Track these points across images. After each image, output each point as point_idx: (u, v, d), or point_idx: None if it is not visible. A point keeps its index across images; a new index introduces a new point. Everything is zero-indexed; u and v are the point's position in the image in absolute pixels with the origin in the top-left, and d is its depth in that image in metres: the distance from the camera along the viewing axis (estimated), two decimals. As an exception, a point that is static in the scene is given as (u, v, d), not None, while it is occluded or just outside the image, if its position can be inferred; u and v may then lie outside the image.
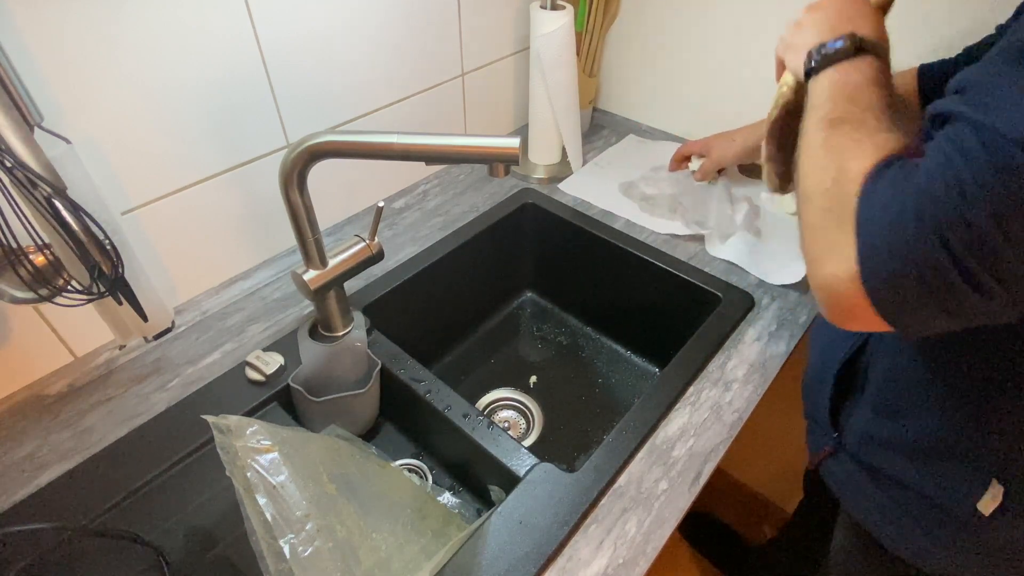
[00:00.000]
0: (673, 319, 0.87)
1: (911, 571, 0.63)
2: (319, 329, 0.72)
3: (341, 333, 0.71)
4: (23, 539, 0.52)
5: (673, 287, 0.85)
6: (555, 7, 0.91)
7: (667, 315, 0.88)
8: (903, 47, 0.48)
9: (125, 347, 0.72)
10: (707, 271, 0.84)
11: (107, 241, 0.51)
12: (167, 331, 0.64)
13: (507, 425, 0.89)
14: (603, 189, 0.99)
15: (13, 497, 0.57)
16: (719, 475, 0.65)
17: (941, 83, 0.67)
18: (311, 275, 0.65)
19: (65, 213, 0.48)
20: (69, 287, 0.53)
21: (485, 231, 0.92)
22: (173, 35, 0.63)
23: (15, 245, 0.48)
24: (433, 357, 0.95)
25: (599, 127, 1.17)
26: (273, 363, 0.68)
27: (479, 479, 0.69)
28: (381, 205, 0.64)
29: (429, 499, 0.62)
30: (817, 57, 0.48)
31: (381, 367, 0.70)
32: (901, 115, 0.44)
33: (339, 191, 0.90)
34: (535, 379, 0.94)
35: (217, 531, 0.62)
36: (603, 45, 1.10)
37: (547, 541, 0.55)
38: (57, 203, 0.48)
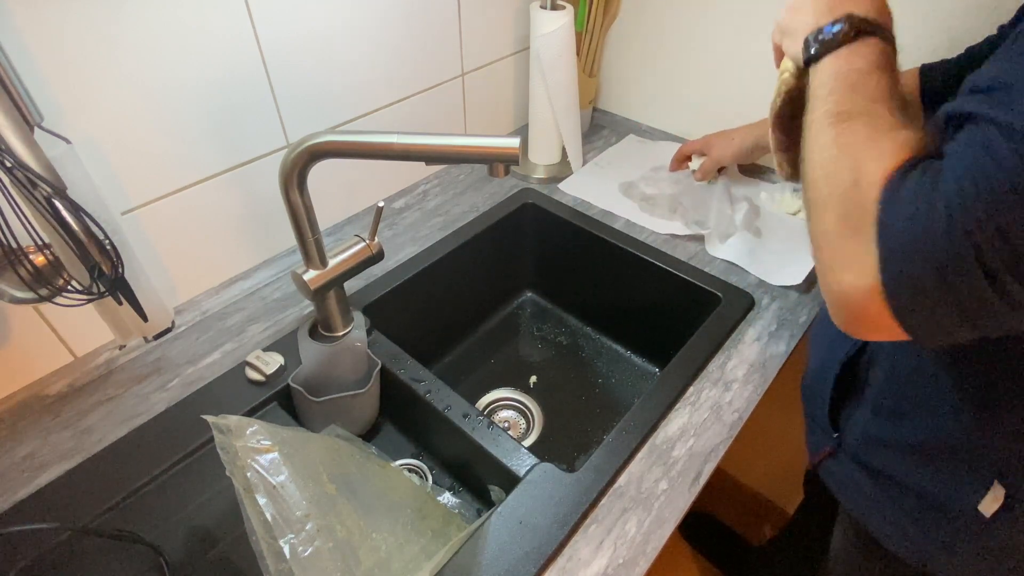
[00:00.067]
0: (673, 319, 0.87)
1: (911, 572, 0.63)
2: (319, 329, 0.72)
3: (341, 333, 0.71)
4: (23, 539, 0.53)
5: (673, 287, 0.85)
6: (555, 7, 0.91)
7: (667, 315, 0.88)
8: (903, 47, 0.47)
9: (125, 347, 0.72)
10: (707, 271, 0.84)
11: (107, 241, 0.51)
12: (167, 331, 0.64)
13: (507, 425, 0.89)
14: (603, 189, 0.99)
15: (13, 497, 0.57)
16: (719, 475, 0.66)
17: (943, 83, 0.67)
18: (311, 275, 0.65)
19: (65, 213, 0.48)
20: (69, 287, 0.53)
21: (485, 231, 0.92)
22: (173, 35, 0.63)
23: (15, 245, 0.48)
24: (433, 357, 0.95)
25: (599, 127, 1.17)
26: (273, 363, 0.68)
27: (479, 479, 0.69)
28: (381, 205, 0.64)
29: (429, 499, 0.62)
30: (815, 44, 0.45)
31: (381, 367, 0.70)
32: (907, 103, 0.42)
33: (339, 191, 0.90)
34: (535, 379, 0.94)
35: (217, 531, 0.62)
36: (603, 45, 1.10)
37: (547, 541, 0.55)
38: (57, 203, 0.48)
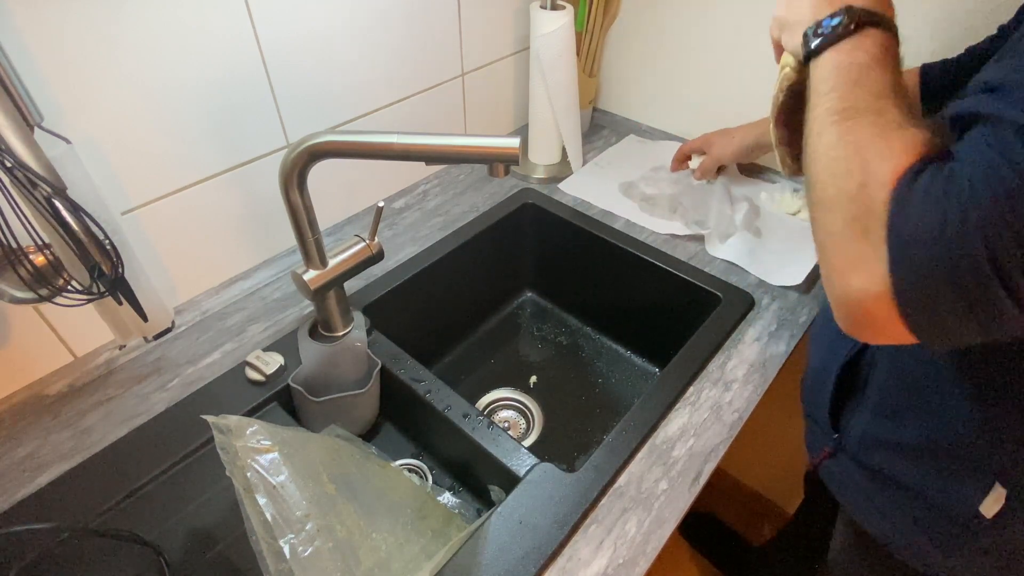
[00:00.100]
0: (673, 319, 0.87)
1: (911, 573, 0.63)
2: (319, 329, 0.72)
3: (341, 333, 0.71)
4: (23, 539, 0.52)
5: (673, 287, 0.85)
6: (555, 7, 0.91)
7: (667, 315, 0.88)
8: (903, 48, 0.46)
9: (125, 347, 0.72)
10: (707, 271, 0.84)
11: (107, 241, 0.51)
12: (167, 331, 0.64)
13: (507, 425, 0.89)
14: (603, 189, 0.99)
15: (13, 497, 0.57)
16: (719, 475, 0.66)
17: (944, 83, 0.67)
18: (311, 275, 0.65)
19: (65, 213, 0.48)
20: (69, 287, 0.53)
21: (485, 231, 0.92)
22: (173, 35, 0.63)
23: (15, 245, 0.48)
24: (433, 357, 0.95)
25: (599, 127, 1.17)
26: (273, 363, 0.68)
27: (479, 479, 0.69)
28: (381, 205, 0.64)
29: (429, 499, 0.62)
30: (814, 38, 0.44)
31: (381, 367, 0.70)
32: (911, 98, 0.41)
33: (339, 191, 0.90)
34: (535, 379, 0.94)
35: (217, 531, 0.62)
36: (603, 45, 1.10)
37: (547, 541, 0.55)
38: (57, 203, 0.48)
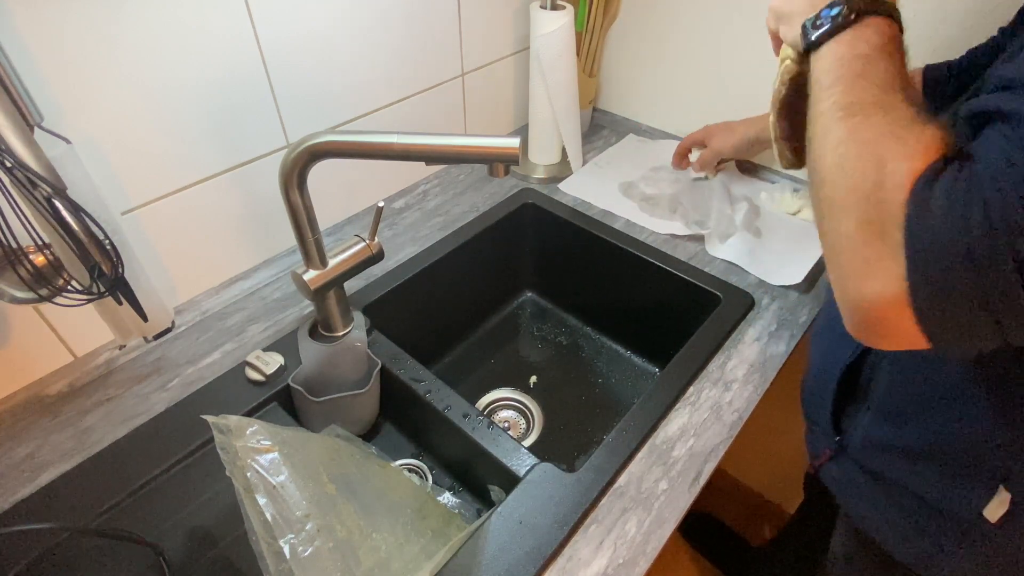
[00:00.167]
0: (673, 319, 0.87)
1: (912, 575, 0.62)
2: (319, 329, 0.72)
3: (341, 333, 0.71)
4: (23, 539, 0.53)
5: (673, 287, 0.85)
6: (555, 7, 0.91)
7: (667, 315, 0.88)
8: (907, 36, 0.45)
9: (125, 347, 0.72)
10: (707, 271, 0.84)
11: (107, 241, 0.51)
12: (167, 331, 0.64)
13: (507, 425, 0.89)
14: (603, 189, 0.99)
15: (13, 497, 0.57)
16: (719, 475, 0.66)
17: (947, 85, 0.67)
18: (311, 275, 0.65)
19: (65, 213, 0.48)
20: (69, 287, 0.53)
21: (485, 231, 0.92)
22: (173, 35, 0.63)
23: (15, 245, 0.48)
24: (433, 357, 0.95)
25: (599, 127, 1.17)
26: (273, 363, 0.68)
27: (479, 479, 0.69)
28: (381, 205, 0.64)
29: (429, 499, 0.62)
30: (813, 30, 0.43)
31: (381, 367, 0.70)
32: (916, 92, 0.41)
33: (339, 191, 0.90)
34: (535, 379, 0.94)
35: (217, 531, 0.62)
36: (603, 45, 1.10)
37: (547, 541, 0.55)
38: (57, 203, 0.48)
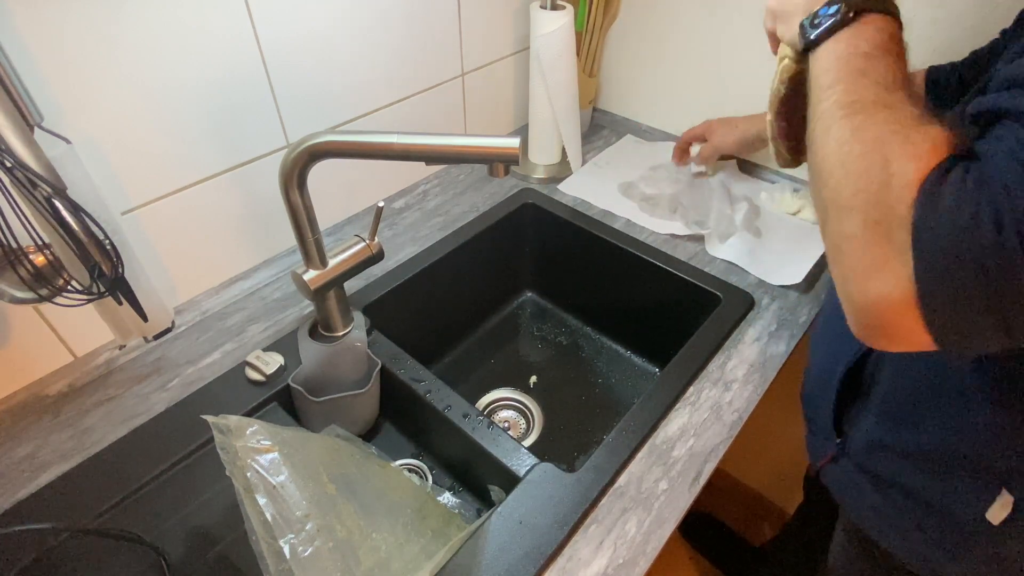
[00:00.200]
0: (673, 319, 0.87)
1: None
2: (319, 329, 0.72)
3: (341, 333, 0.71)
4: (23, 539, 0.52)
5: (673, 287, 0.85)
6: (555, 7, 0.91)
7: (667, 315, 0.88)
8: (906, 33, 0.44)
9: (125, 347, 0.72)
10: (707, 271, 0.84)
11: (107, 241, 0.51)
12: (167, 331, 0.64)
13: (507, 425, 0.89)
14: (603, 189, 0.99)
15: (13, 497, 0.57)
16: (719, 475, 0.66)
17: (951, 86, 0.67)
18: (311, 275, 0.65)
19: (65, 213, 0.48)
20: (69, 287, 0.53)
21: (485, 231, 0.92)
22: (173, 35, 0.63)
23: (15, 245, 0.48)
24: (433, 357, 0.95)
25: (599, 127, 1.17)
26: (273, 363, 0.68)
27: (479, 479, 0.69)
28: (381, 205, 0.64)
29: (429, 499, 0.62)
30: (811, 29, 0.42)
31: (381, 367, 0.70)
32: (917, 91, 0.40)
33: (339, 191, 0.90)
34: (535, 379, 0.94)
35: (217, 531, 0.62)
36: (603, 45, 1.10)
37: (547, 541, 0.55)
38: (57, 203, 0.48)
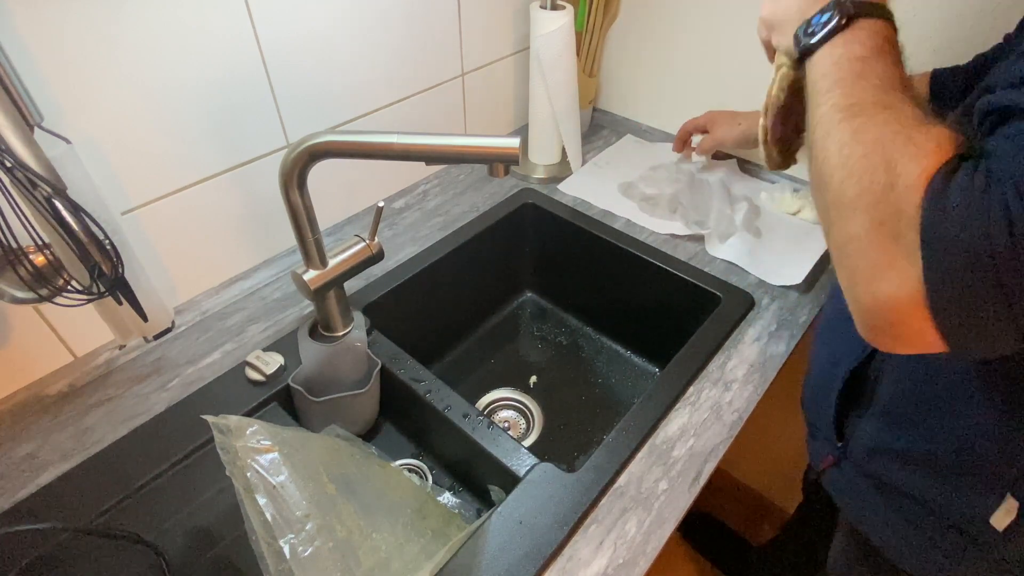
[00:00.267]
0: (673, 319, 0.87)
1: None
2: (319, 329, 0.72)
3: (341, 333, 0.71)
4: (23, 539, 0.53)
5: (673, 287, 0.85)
6: (555, 7, 0.91)
7: (667, 315, 0.88)
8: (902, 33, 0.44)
9: (125, 347, 0.72)
10: (707, 271, 0.84)
11: (107, 241, 0.51)
12: (167, 331, 0.64)
13: (507, 425, 0.89)
14: (603, 189, 0.99)
15: (13, 497, 0.57)
16: (719, 475, 0.65)
17: (955, 89, 0.67)
18: (311, 275, 0.65)
19: (65, 213, 0.48)
20: (69, 287, 0.53)
21: (485, 231, 0.92)
22: (173, 35, 0.63)
23: (15, 245, 0.48)
24: (433, 357, 0.95)
25: (599, 127, 1.17)
26: (273, 363, 0.68)
27: (479, 479, 0.69)
28: (381, 205, 0.64)
29: (429, 499, 0.62)
30: (806, 38, 0.42)
31: (381, 367, 0.70)
32: (916, 91, 0.40)
33: (339, 191, 0.90)
34: (535, 379, 0.94)
35: (217, 531, 0.62)
36: (603, 45, 1.10)
37: (547, 541, 0.55)
38: (57, 203, 0.48)
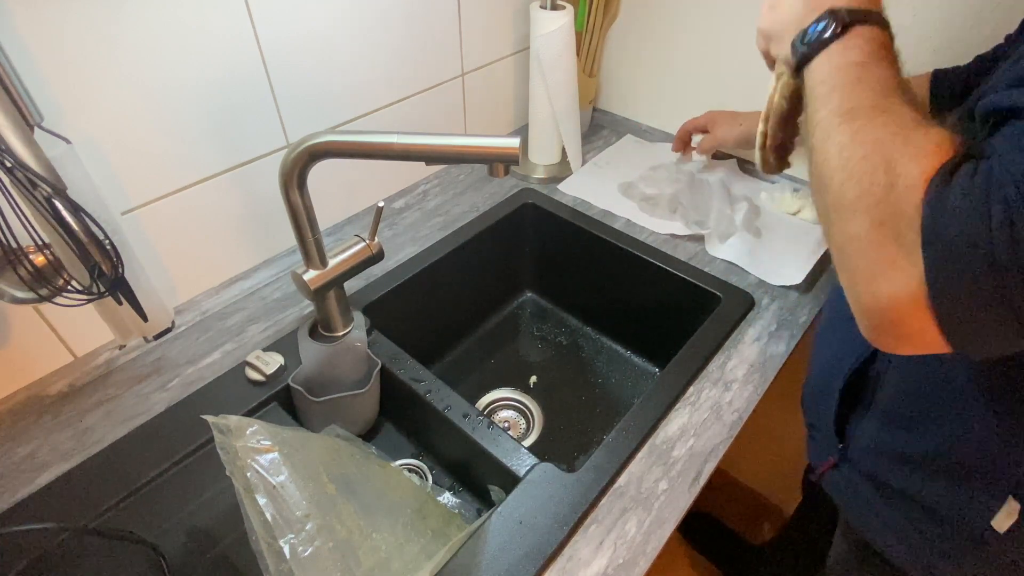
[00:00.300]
0: (673, 319, 0.87)
1: None
2: (319, 329, 0.72)
3: (341, 333, 0.71)
4: (23, 539, 0.52)
5: (673, 287, 0.85)
6: (555, 7, 0.91)
7: (667, 315, 0.88)
8: (903, 55, 0.45)
9: (125, 347, 0.72)
10: (707, 271, 0.84)
11: (107, 241, 0.51)
12: (167, 331, 0.64)
13: (507, 425, 0.89)
14: (603, 189, 0.99)
15: (13, 497, 0.57)
16: (719, 475, 0.65)
17: (955, 90, 0.67)
18: (311, 275, 0.65)
19: (65, 213, 0.48)
20: (69, 287, 0.53)
21: (485, 231, 0.92)
22: (173, 35, 0.63)
23: (15, 245, 0.48)
24: (433, 357, 0.95)
25: (599, 127, 1.17)
26: (273, 363, 0.68)
27: (479, 479, 0.69)
28: (381, 205, 0.64)
29: (429, 499, 0.62)
30: (802, 48, 0.43)
31: (381, 367, 0.70)
32: (914, 95, 0.41)
33: (339, 191, 0.90)
34: (535, 379, 0.94)
35: (217, 531, 0.62)
36: (603, 45, 1.10)
37: (547, 541, 0.55)
38: (57, 203, 0.48)
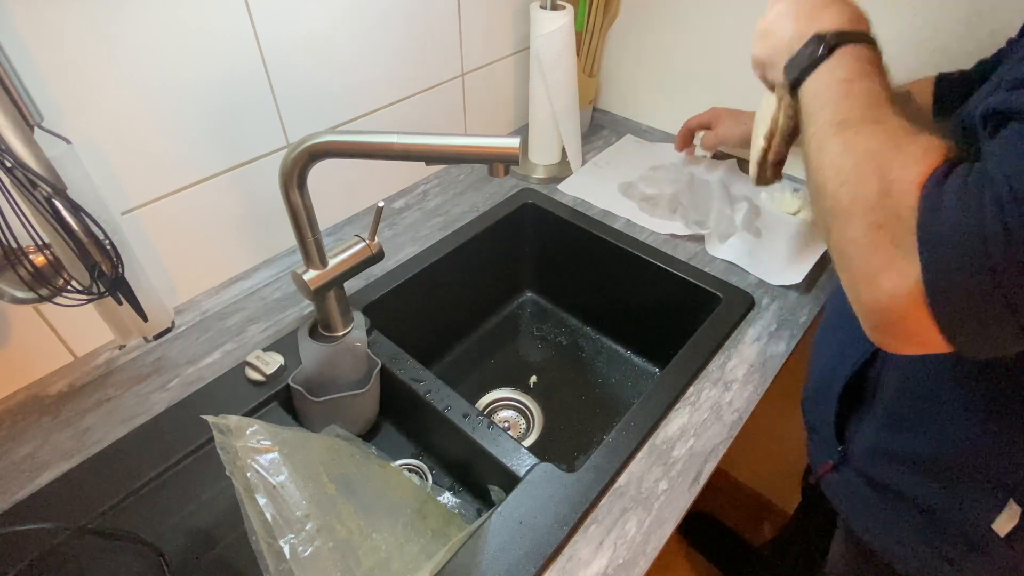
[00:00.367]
0: (673, 319, 0.87)
1: None
2: (319, 329, 0.72)
3: (341, 333, 0.71)
4: (23, 539, 0.52)
5: (673, 287, 0.85)
6: (555, 7, 0.91)
7: (667, 315, 0.88)
8: (905, 57, 0.46)
9: (125, 347, 0.72)
10: (707, 271, 0.84)
11: (107, 241, 0.51)
12: (167, 331, 0.64)
13: (507, 425, 0.89)
14: (603, 189, 0.99)
15: (13, 497, 0.57)
16: (719, 475, 0.65)
17: (958, 93, 0.67)
18: (311, 275, 0.65)
19: (65, 213, 0.48)
20: (69, 287, 0.53)
21: (485, 231, 0.92)
22: (173, 35, 0.63)
23: (15, 245, 0.48)
24: (433, 357, 0.95)
25: (599, 127, 1.17)
26: (273, 363, 0.68)
27: (479, 479, 0.69)
28: (381, 205, 0.64)
29: (429, 499, 0.62)
30: (793, 72, 0.45)
31: (381, 367, 0.70)
32: (904, 103, 0.41)
33: (339, 191, 0.90)
34: (535, 379, 0.94)
35: (217, 531, 0.62)
36: (603, 45, 1.10)
37: (547, 541, 0.55)
38: (57, 203, 0.48)
